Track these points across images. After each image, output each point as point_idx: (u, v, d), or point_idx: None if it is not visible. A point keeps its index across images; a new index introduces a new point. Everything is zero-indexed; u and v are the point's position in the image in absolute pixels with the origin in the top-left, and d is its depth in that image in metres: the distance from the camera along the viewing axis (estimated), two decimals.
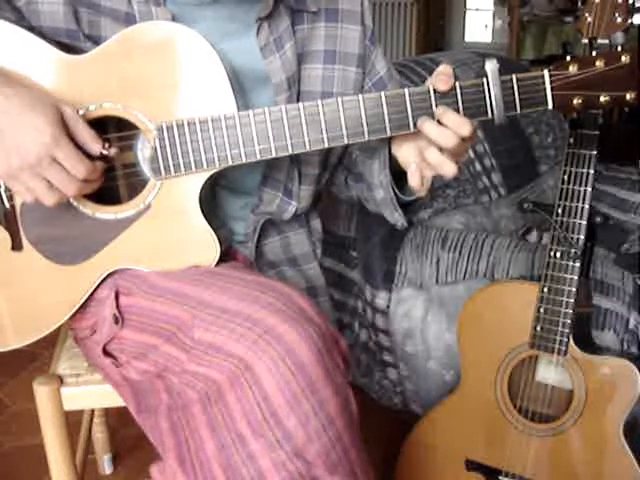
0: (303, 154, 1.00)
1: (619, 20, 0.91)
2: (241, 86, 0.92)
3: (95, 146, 0.85)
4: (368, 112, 0.85)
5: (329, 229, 1.64)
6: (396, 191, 0.98)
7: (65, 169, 0.82)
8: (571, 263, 1.15)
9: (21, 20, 0.91)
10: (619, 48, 0.83)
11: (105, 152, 0.85)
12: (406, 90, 0.84)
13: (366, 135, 0.86)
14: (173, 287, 0.88)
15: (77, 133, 0.84)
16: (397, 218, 1.02)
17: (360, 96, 0.85)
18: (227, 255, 0.96)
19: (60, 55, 0.88)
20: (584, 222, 1.15)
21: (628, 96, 0.81)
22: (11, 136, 0.80)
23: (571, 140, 1.14)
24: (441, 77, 0.83)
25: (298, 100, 0.98)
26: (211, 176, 0.89)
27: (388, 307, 1.57)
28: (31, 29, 0.90)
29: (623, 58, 0.81)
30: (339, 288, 1.70)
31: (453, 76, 0.84)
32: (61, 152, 0.81)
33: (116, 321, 0.91)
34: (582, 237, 1.15)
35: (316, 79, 1.01)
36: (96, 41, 0.91)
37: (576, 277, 1.15)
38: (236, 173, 0.98)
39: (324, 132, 0.85)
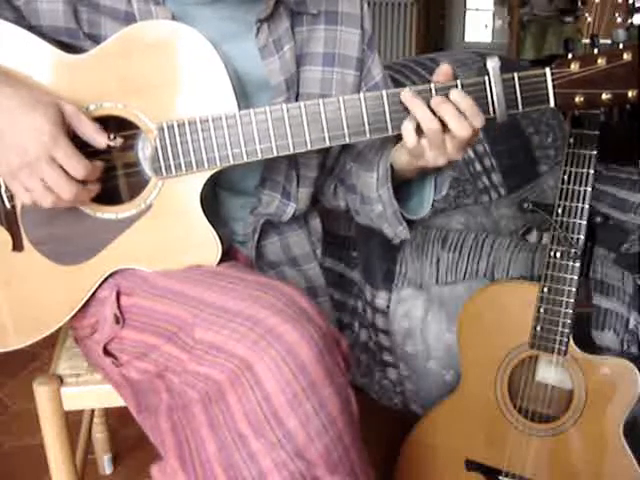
0: (302, 156, 1.00)
1: (619, 20, 0.91)
2: (242, 90, 0.92)
3: (100, 138, 0.84)
4: (369, 110, 0.85)
5: (329, 229, 1.63)
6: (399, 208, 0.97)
7: (63, 170, 0.82)
8: (571, 263, 1.15)
9: (20, 19, 0.91)
10: (621, 46, 0.83)
11: (112, 143, 0.85)
12: (407, 88, 0.84)
13: (367, 134, 0.86)
14: (174, 287, 0.88)
15: (81, 128, 0.84)
16: (400, 232, 1.00)
17: (361, 94, 0.85)
18: (227, 255, 0.96)
19: (60, 54, 0.88)
20: (584, 222, 1.15)
21: (630, 94, 0.81)
22: (11, 135, 0.80)
23: (571, 140, 1.14)
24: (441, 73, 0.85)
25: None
26: (212, 175, 0.89)
27: (388, 307, 1.57)
28: (31, 28, 0.90)
29: (625, 55, 0.80)
30: (339, 288, 1.70)
31: (452, 75, 0.84)
32: (60, 152, 0.81)
33: (117, 321, 0.91)
34: (582, 237, 1.15)
35: (314, 81, 1.01)
36: (96, 40, 0.91)
37: (576, 277, 1.15)
38: (234, 173, 0.98)
39: (325, 131, 0.85)
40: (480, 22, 5.33)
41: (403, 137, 0.87)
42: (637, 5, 0.92)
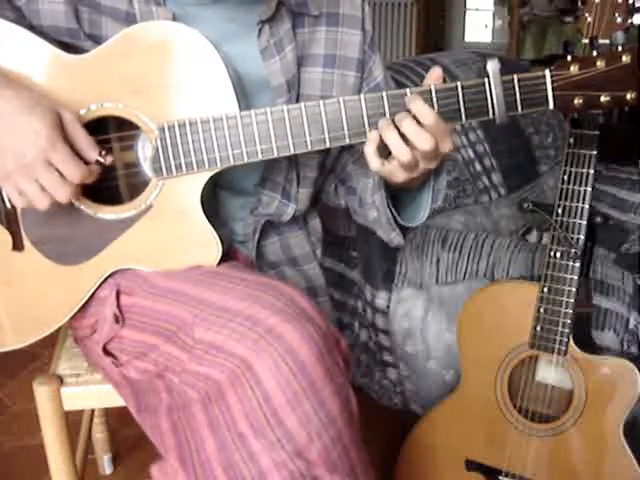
0: (302, 157, 1.00)
1: (619, 20, 0.91)
2: (242, 90, 0.92)
3: (92, 153, 0.85)
4: (369, 112, 0.85)
5: (329, 229, 1.64)
6: (393, 212, 0.97)
7: (59, 173, 0.82)
8: (571, 263, 1.15)
9: (21, 19, 0.91)
10: (620, 48, 0.83)
11: (101, 160, 0.85)
12: (408, 90, 0.84)
13: (368, 135, 0.86)
14: (174, 287, 0.88)
15: (75, 138, 0.84)
16: (393, 237, 1.01)
17: (362, 95, 0.84)
18: (227, 255, 0.96)
19: (61, 54, 0.88)
20: (584, 222, 1.15)
21: (628, 96, 0.82)
22: (8, 137, 0.80)
23: (571, 140, 1.14)
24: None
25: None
26: (212, 176, 0.89)
27: (388, 307, 1.57)
28: (31, 28, 0.90)
29: (624, 58, 0.81)
30: (339, 288, 1.70)
31: (443, 78, 0.85)
32: (57, 155, 0.81)
33: (117, 320, 0.91)
34: (582, 237, 1.15)
35: (315, 83, 1.01)
36: (97, 40, 0.91)
37: (576, 277, 1.15)
38: (234, 173, 0.98)
39: (326, 132, 0.85)
40: (480, 22, 5.33)
41: (367, 161, 0.87)
42: (637, 5, 0.92)
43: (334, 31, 1.01)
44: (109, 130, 0.90)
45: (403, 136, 0.83)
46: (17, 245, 0.92)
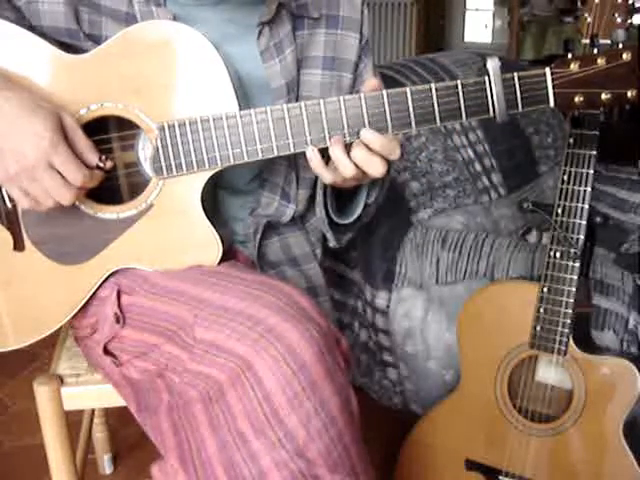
0: (301, 158, 1.01)
1: (619, 20, 0.91)
2: (243, 91, 0.92)
3: (92, 157, 0.85)
4: (370, 111, 0.85)
5: None
6: (330, 212, 0.97)
7: (61, 176, 0.82)
8: (571, 263, 1.15)
9: (21, 19, 0.91)
10: (620, 46, 0.83)
11: (101, 164, 0.85)
12: (408, 88, 0.84)
13: None
14: (175, 286, 0.88)
15: (75, 143, 0.84)
16: (329, 238, 1.03)
17: (362, 94, 0.85)
18: (228, 255, 0.96)
19: (61, 54, 0.88)
20: (584, 222, 1.15)
21: (629, 94, 0.82)
22: (10, 140, 0.80)
23: (571, 140, 1.14)
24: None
25: None
26: (212, 176, 0.89)
27: (388, 307, 1.57)
28: (31, 28, 0.90)
29: (624, 56, 0.81)
30: (339, 288, 1.70)
31: (379, 88, 0.85)
32: (58, 158, 0.81)
33: (117, 320, 0.91)
34: (582, 237, 1.15)
35: (315, 85, 1.01)
36: (97, 41, 0.91)
37: (576, 277, 1.15)
38: (233, 174, 0.98)
39: (326, 131, 0.86)
40: (480, 22, 5.33)
41: (319, 175, 0.89)
42: (637, 5, 0.92)
43: (333, 33, 1.01)
44: (109, 130, 0.90)
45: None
46: (18, 245, 0.92)
